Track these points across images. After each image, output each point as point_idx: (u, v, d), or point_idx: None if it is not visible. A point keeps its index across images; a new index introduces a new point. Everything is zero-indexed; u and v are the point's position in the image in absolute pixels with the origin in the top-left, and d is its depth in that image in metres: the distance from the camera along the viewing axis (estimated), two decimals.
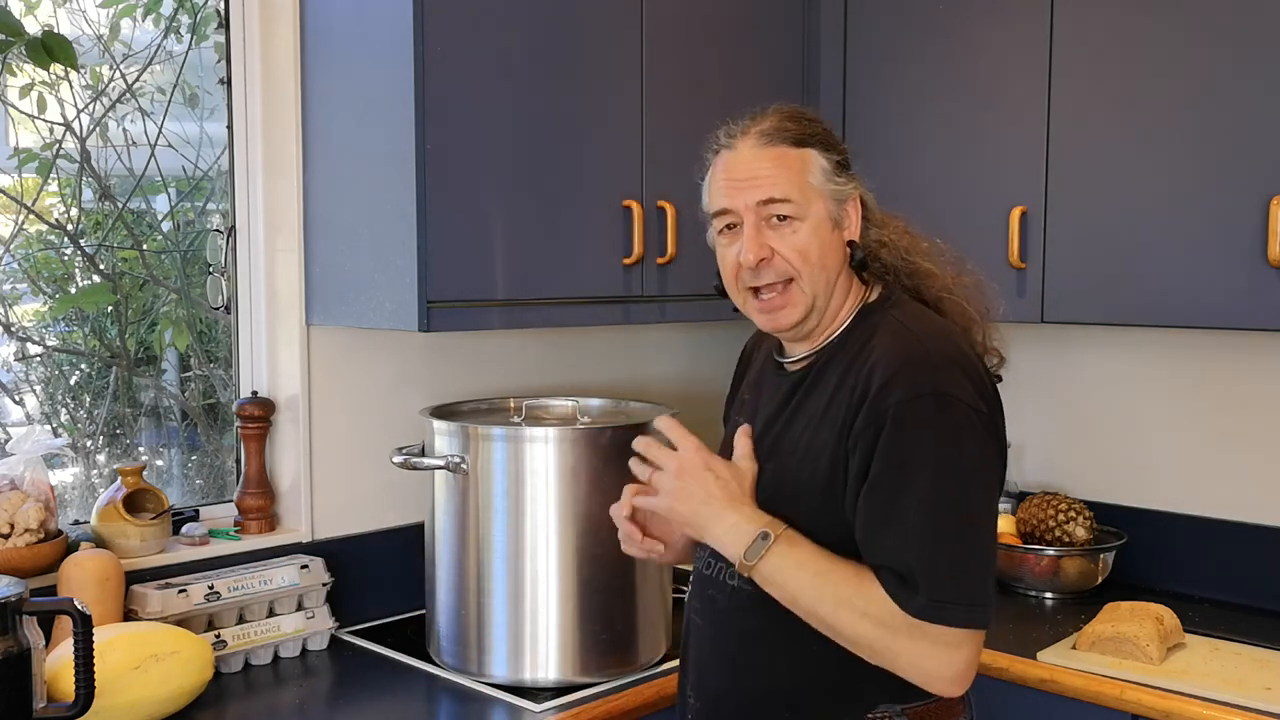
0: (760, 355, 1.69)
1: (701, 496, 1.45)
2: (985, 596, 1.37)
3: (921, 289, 1.55)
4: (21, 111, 2.15)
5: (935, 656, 1.36)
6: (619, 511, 1.58)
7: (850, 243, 1.51)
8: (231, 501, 2.25)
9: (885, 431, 1.37)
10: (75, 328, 2.30)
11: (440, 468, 1.99)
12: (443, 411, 2.16)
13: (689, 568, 1.67)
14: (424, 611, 2.17)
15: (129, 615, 1.94)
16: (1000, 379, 1.54)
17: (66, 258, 2.25)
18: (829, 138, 1.52)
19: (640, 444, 1.53)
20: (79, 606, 1.58)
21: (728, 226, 1.52)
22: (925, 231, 1.61)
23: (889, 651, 1.37)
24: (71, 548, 1.94)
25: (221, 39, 2.25)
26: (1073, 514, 2.51)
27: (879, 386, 1.39)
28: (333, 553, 2.22)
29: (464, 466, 1.97)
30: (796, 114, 1.52)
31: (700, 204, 1.60)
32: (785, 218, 1.47)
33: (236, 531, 2.21)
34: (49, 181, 2.20)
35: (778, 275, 1.48)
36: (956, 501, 1.37)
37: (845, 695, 1.45)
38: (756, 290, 1.50)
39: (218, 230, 2.28)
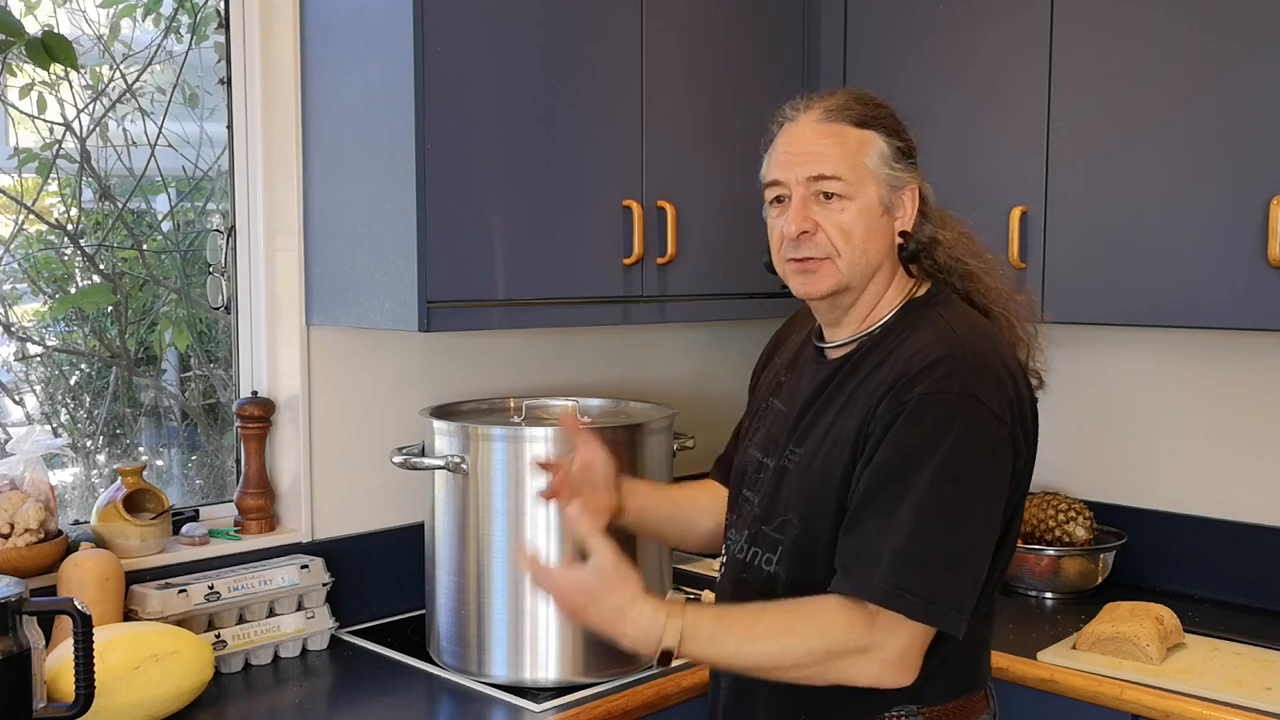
0: (798, 338, 1.68)
1: (595, 616, 1.38)
2: (953, 599, 1.35)
3: (972, 293, 1.55)
4: (21, 111, 2.15)
5: (880, 658, 1.36)
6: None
7: (903, 233, 1.51)
8: (231, 501, 2.25)
9: (900, 419, 1.38)
10: (75, 328, 2.29)
11: (440, 468, 1.99)
12: (443, 411, 2.16)
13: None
14: (424, 611, 2.17)
15: (129, 615, 1.94)
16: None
17: (66, 258, 2.25)
18: (895, 123, 1.52)
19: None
20: (79, 606, 1.58)
21: (777, 199, 1.52)
22: None
23: (837, 675, 1.37)
24: (71, 548, 1.94)
25: (221, 39, 2.25)
26: (1073, 514, 2.51)
27: (909, 377, 1.40)
28: (333, 553, 2.22)
29: (464, 466, 1.97)
30: (865, 96, 1.53)
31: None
32: (833, 195, 1.47)
33: (236, 531, 2.21)
34: (49, 181, 2.20)
35: (818, 251, 1.48)
36: (950, 503, 1.36)
37: (867, 693, 1.43)
38: (797, 261, 1.51)
39: (218, 230, 2.28)
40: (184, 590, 1.96)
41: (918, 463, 1.36)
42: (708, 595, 2.37)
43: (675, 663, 1.38)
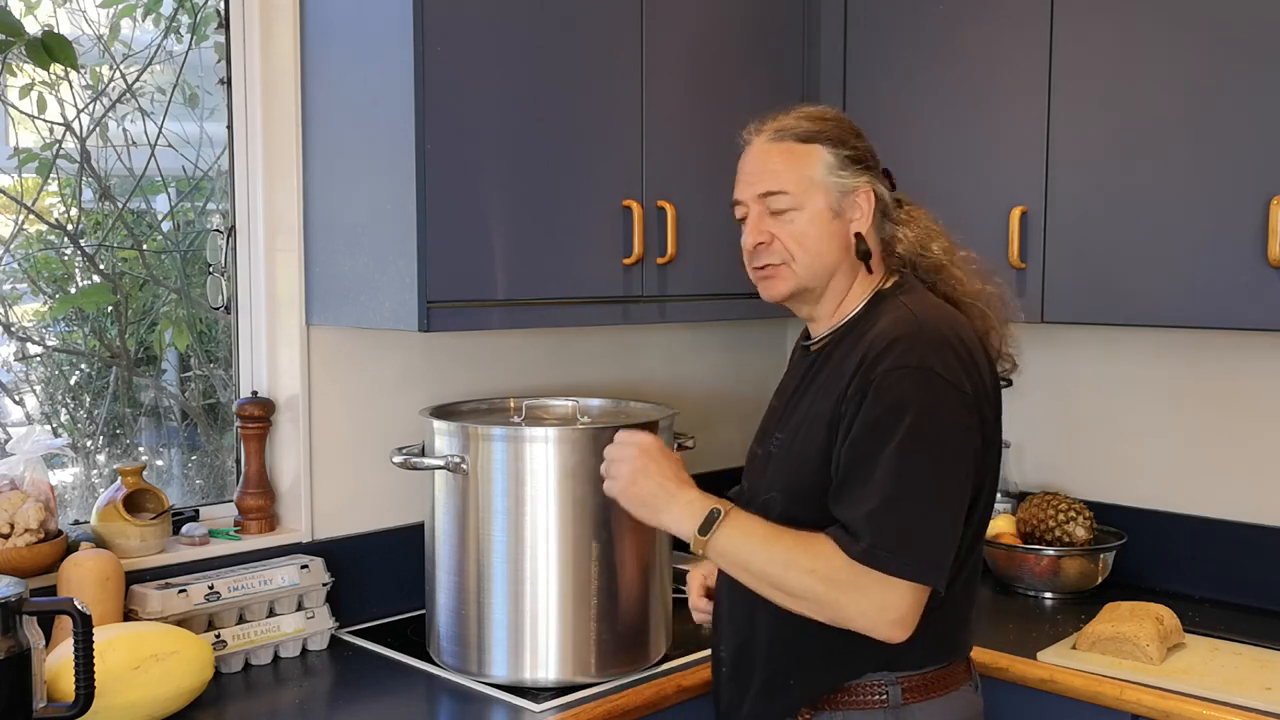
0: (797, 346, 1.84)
1: (658, 479, 1.58)
2: (930, 554, 1.46)
3: (938, 283, 1.66)
4: (21, 111, 2.15)
5: (876, 605, 1.46)
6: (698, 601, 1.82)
7: (856, 234, 1.63)
8: (231, 501, 2.25)
9: (868, 397, 1.50)
10: (75, 328, 2.29)
11: (440, 468, 1.99)
12: (443, 411, 2.16)
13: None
14: (424, 611, 2.17)
15: (129, 615, 1.94)
16: (1010, 383, 1.68)
17: (66, 258, 2.25)
18: (840, 134, 1.64)
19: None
20: (79, 606, 1.58)
21: (744, 216, 1.68)
22: None
23: (834, 605, 1.48)
24: (71, 548, 1.94)
25: (221, 39, 2.25)
26: (1073, 514, 2.51)
27: (873, 358, 1.52)
28: (333, 553, 2.22)
29: (464, 466, 1.97)
30: (811, 113, 1.66)
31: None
32: (785, 209, 1.62)
33: (236, 531, 2.21)
34: (49, 181, 2.20)
35: (775, 258, 1.63)
36: (920, 466, 1.47)
37: (844, 659, 1.57)
38: (758, 269, 1.67)
39: (218, 230, 2.28)
40: (184, 590, 1.96)
41: (886, 434, 1.47)
42: None
43: (704, 549, 1.53)
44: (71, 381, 2.30)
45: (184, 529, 2.14)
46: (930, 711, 1.58)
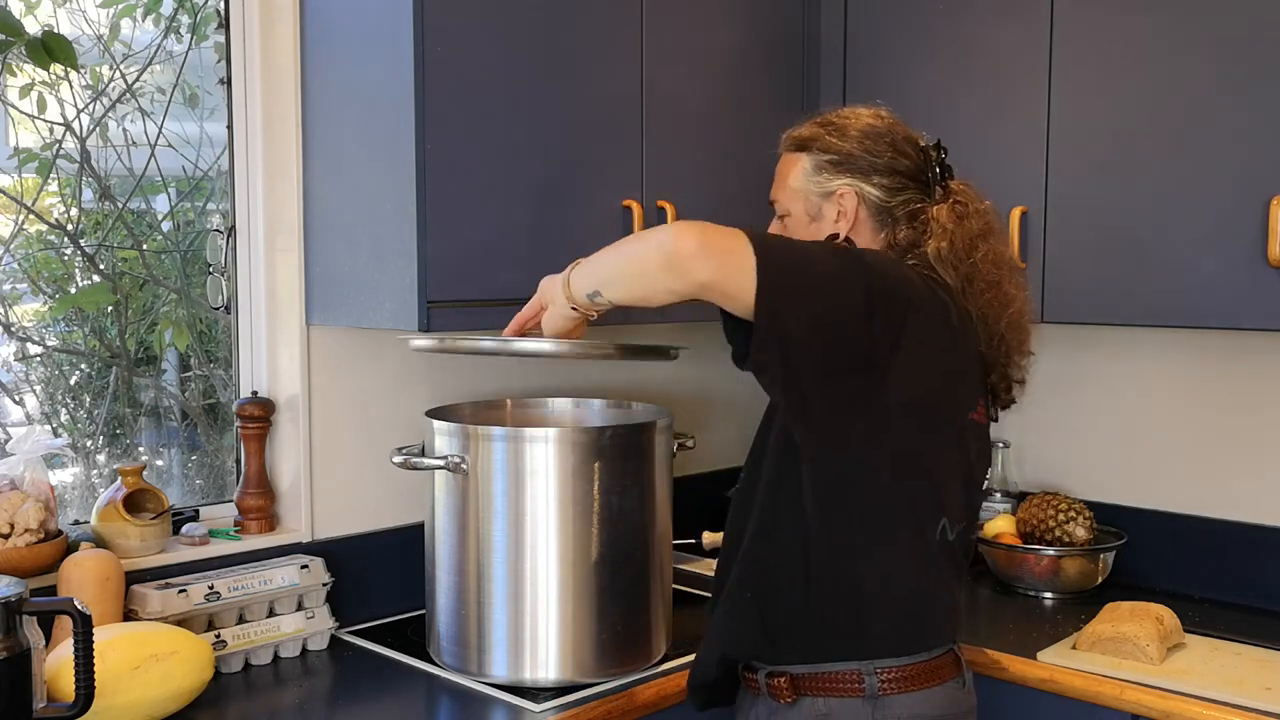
0: None
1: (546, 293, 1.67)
2: (775, 267, 1.42)
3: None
4: (21, 111, 2.15)
5: (707, 234, 1.43)
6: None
7: (832, 236, 1.67)
8: (231, 501, 2.25)
9: None
10: (75, 328, 2.30)
11: (440, 468, 1.99)
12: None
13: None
14: (424, 611, 2.17)
15: (129, 615, 1.94)
16: (995, 419, 1.69)
17: (66, 258, 2.25)
18: (826, 140, 1.69)
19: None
20: (79, 606, 1.58)
21: None
22: None
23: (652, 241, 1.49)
24: (71, 548, 1.94)
25: (221, 39, 2.25)
26: (1073, 514, 2.51)
27: None
28: (333, 553, 2.22)
29: (464, 466, 1.97)
30: (818, 120, 1.73)
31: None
32: (781, 215, 1.75)
33: (236, 531, 2.21)
34: (49, 181, 2.20)
35: None
36: (825, 248, 1.52)
37: (823, 644, 1.59)
38: None
39: (218, 230, 2.29)
40: (184, 590, 1.96)
41: None
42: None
43: (569, 290, 1.63)
44: (71, 381, 2.30)
45: (184, 529, 2.14)
46: (909, 703, 1.58)
